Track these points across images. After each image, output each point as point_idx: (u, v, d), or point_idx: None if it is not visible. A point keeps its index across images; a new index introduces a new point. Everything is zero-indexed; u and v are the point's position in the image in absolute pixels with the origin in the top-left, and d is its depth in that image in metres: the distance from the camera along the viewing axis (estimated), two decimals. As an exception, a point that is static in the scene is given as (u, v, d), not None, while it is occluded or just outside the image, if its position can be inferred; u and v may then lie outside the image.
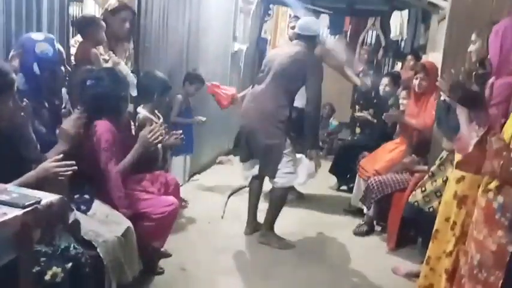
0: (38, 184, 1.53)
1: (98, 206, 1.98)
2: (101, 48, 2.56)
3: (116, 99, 2.15)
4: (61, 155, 1.63)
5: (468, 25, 2.46)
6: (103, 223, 1.90)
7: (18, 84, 1.73)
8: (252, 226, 3.21)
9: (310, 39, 3.07)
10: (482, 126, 1.53)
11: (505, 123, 1.55)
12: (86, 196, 1.95)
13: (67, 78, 2.13)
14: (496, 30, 1.79)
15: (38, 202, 1.27)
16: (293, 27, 3.52)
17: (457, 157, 1.94)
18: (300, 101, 3.13)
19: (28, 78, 1.81)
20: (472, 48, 2.14)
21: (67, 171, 1.58)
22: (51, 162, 1.58)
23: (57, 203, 1.33)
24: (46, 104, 1.91)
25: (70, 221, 1.43)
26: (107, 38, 2.55)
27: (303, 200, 4.03)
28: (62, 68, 1.94)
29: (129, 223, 1.95)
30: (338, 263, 2.94)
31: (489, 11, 2.37)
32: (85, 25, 2.48)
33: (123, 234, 1.88)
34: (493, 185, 1.46)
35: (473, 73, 1.97)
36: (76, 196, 1.92)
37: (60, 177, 1.57)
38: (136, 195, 2.22)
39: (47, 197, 1.34)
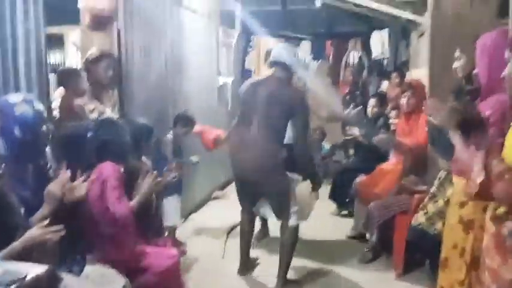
0: (25, 253, 1.44)
1: (90, 265, 1.88)
2: (85, 98, 2.52)
3: (121, 145, 2.14)
4: (46, 221, 1.54)
5: (451, 40, 2.47)
6: (98, 284, 1.80)
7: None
8: (247, 265, 3.09)
9: (286, 67, 2.86)
10: (483, 149, 1.47)
11: (502, 142, 1.50)
12: (78, 256, 1.84)
13: (49, 136, 2.06)
14: (481, 46, 1.76)
15: (23, 278, 1.18)
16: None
17: (457, 180, 1.89)
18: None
19: (9, 142, 1.74)
20: (456, 64, 2.13)
21: (55, 236, 1.50)
22: (37, 229, 1.49)
23: (44, 276, 1.24)
24: (30, 167, 1.83)
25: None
26: (91, 86, 2.52)
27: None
28: (44, 127, 1.88)
29: (125, 281, 1.85)
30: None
31: (469, 24, 2.38)
32: (66, 77, 2.46)
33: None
34: (501, 210, 1.39)
35: (463, 91, 1.94)
36: (67, 258, 1.82)
37: (48, 243, 1.49)
38: (137, 247, 2.14)
39: (34, 270, 1.25)
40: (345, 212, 4.38)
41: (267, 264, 3.19)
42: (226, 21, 5.52)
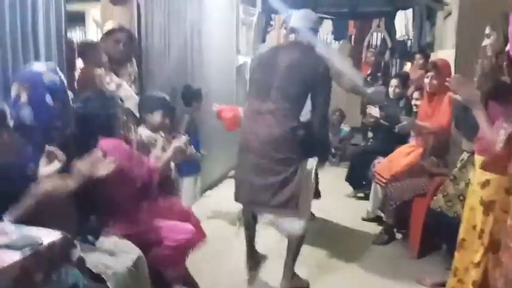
0: (39, 210, 1.45)
1: (105, 237, 1.90)
2: (102, 71, 2.53)
3: (104, 118, 2.07)
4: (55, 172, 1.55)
5: (479, 19, 2.36)
6: (112, 254, 1.82)
7: (25, 120, 1.68)
8: (254, 259, 2.82)
9: (310, 33, 2.54)
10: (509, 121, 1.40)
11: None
12: (92, 228, 1.87)
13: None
14: None
15: (40, 244, 1.21)
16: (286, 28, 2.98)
17: (478, 159, 1.83)
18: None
19: (39, 111, 1.72)
20: (486, 42, 2.04)
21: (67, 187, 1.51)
22: (48, 181, 1.50)
23: (59, 242, 1.27)
24: (56, 137, 1.83)
25: (74, 259, 1.36)
26: (109, 60, 2.53)
27: (313, 219, 3.54)
28: (70, 94, 1.89)
29: (139, 252, 1.87)
30: (359, 275, 2.82)
31: (500, 1, 2.27)
32: (84, 50, 2.47)
33: (134, 264, 1.80)
34: None
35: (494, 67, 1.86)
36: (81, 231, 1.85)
37: (61, 196, 1.50)
38: (153, 220, 2.15)
39: (49, 236, 1.27)
40: (361, 195, 4.35)
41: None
42: (247, -1, 5.45)
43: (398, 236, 3.37)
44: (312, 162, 2.53)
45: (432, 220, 2.67)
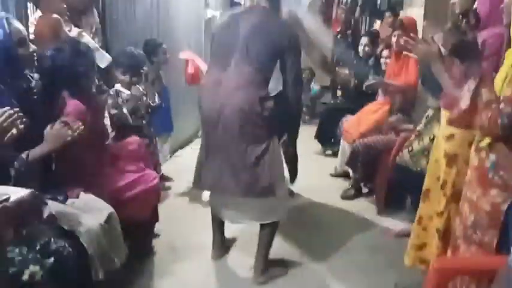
0: None
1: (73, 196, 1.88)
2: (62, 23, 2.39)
3: (78, 72, 1.98)
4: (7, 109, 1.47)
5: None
6: (83, 211, 1.80)
7: None
8: (221, 248, 2.52)
9: None
10: (475, 79, 1.45)
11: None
12: (62, 187, 1.84)
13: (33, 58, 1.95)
14: None
15: (6, 200, 1.17)
16: None
17: (445, 114, 1.89)
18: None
19: None
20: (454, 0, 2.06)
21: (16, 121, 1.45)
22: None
23: (28, 198, 1.24)
24: (10, 88, 1.74)
25: (45, 216, 1.33)
26: (68, 11, 2.39)
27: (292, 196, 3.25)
28: (22, 48, 1.76)
29: (110, 208, 1.86)
30: (328, 228, 2.93)
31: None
32: None
33: (106, 220, 1.80)
34: (484, 142, 1.40)
35: (460, 24, 1.89)
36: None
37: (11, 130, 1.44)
38: (116, 177, 2.14)
39: (17, 193, 1.23)
40: (329, 152, 4.44)
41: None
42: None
43: (365, 190, 3.49)
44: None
45: (398, 175, 2.77)
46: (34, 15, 2.41)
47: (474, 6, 1.80)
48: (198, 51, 4.36)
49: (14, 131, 1.41)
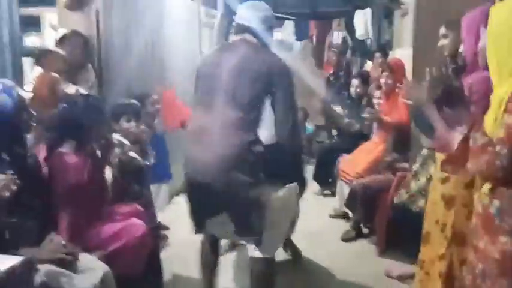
0: None
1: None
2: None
3: (93, 125, 2.05)
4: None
5: (436, 18, 2.44)
6: (77, 272, 1.75)
7: None
8: None
9: (261, 30, 2.03)
10: (466, 124, 1.47)
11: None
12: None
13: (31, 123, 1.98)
14: (468, 22, 1.75)
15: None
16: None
17: (439, 157, 1.90)
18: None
19: None
20: (443, 42, 2.11)
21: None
22: None
23: (20, 266, 1.21)
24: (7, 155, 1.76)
25: (36, 284, 1.30)
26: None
27: (300, 259, 3.08)
28: (24, 114, 1.78)
29: (105, 267, 1.81)
30: (329, 271, 2.87)
31: (457, 1, 2.35)
32: (40, 55, 2.39)
33: (101, 281, 1.75)
34: (485, 188, 1.38)
35: (450, 68, 1.94)
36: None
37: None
38: (101, 230, 2.08)
39: (8, 261, 1.21)
40: (327, 192, 4.43)
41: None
42: (208, 1, 5.41)
43: (365, 230, 3.45)
44: (290, 189, 2.04)
45: (397, 215, 2.75)
46: (31, 73, 2.48)
47: (460, 50, 1.86)
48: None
49: (7, 193, 1.42)
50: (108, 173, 2.24)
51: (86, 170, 1.97)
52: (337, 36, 6.51)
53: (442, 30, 2.21)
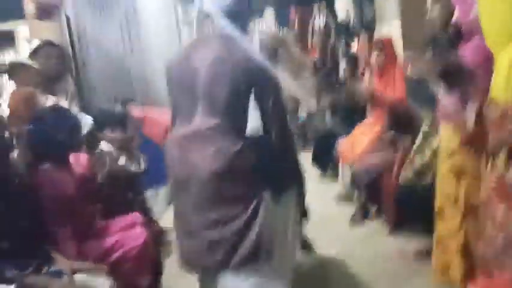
0: None
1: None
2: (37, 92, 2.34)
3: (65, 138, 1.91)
4: None
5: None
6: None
7: None
8: None
9: (237, 18, 1.69)
10: (475, 98, 1.38)
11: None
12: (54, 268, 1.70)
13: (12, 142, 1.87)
14: None
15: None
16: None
17: (443, 127, 1.82)
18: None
19: None
20: (433, 14, 2.02)
21: None
22: None
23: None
24: None
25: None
26: (41, 80, 2.34)
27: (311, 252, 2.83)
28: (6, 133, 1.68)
29: (108, 283, 1.73)
30: (342, 256, 2.78)
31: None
32: (12, 70, 2.27)
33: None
34: (501, 158, 1.30)
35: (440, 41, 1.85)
36: (44, 269, 1.68)
37: None
38: (100, 243, 2.01)
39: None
40: (328, 175, 4.34)
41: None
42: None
43: (372, 210, 3.36)
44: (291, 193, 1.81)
45: (403, 194, 2.67)
46: (6, 89, 2.36)
47: (454, 19, 1.76)
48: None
49: None
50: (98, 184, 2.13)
51: (72, 184, 1.87)
52: (319, 21, 6.39)
53: (429, 2, 2.11)
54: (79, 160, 2.09)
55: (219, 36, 1.69)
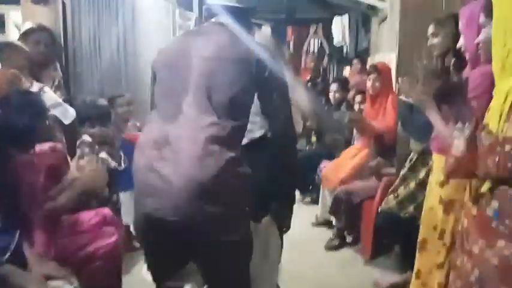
0: None
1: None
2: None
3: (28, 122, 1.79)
4: None
5: (422, 19, 2.37)
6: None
7: None
8: None
9: (241, 14, 1.55)
10: (467, 122, 1.37)
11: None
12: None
13: None
14: (469, 14, 1.67)
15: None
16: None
17: (436, 158, 1.80)
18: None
19: None
20: (432, 41, 2.04)
21: None
22: None
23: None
24: None
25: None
26: (28, 64, 2.24)
27: None
28: None
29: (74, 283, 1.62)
30: (315, 282, 2.72)
31: (442, 1, 2.31)
32: (2, 50, 2.18)
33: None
34: (485, 188, 1.27)
35: (449, 65, 1.85)
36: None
37: None
38: (72, 238, 1.88)
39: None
40: (308, 200, 4.30)
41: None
42: (183, 2, 5.26)
43: (349, 239, 3.33)
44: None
45: (383, 222, 2.63)
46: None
47: (459, 45, 1.77)
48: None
49: None
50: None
51: (37, 172, 1.76)
52: (314, 43, 6.46)
53: (431, 29, 2.14)
54: (55, 149, 1.97)
55: (221, 28, 1.50)
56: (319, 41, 6.62)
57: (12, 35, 5.27)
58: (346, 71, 5.65)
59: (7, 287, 1.39)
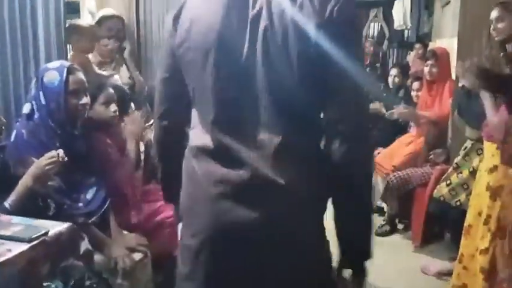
0: (35, 186, 1.45)
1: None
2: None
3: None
4: (54, 152, 1.51)
5: (486, 3, 2.30)
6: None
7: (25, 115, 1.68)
8: None
9: None
10: None
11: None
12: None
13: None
14: None
15: (46, 234, 1.18)
16: None
17: (487, 145, 1.81)
18: None
19: (38, 108, 1.69)
20: (498, 26, 1.97)
21: (58, 161, 1.49)
22: (43, 159, 1.48)
23: (66, 232, 1.24)
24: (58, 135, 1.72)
25: (82, 251, 1.34)
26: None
27: None
28: (74, 99, 1.70)
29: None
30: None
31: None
32: (70, 34, 2.34)
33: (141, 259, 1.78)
34: None
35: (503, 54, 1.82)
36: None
37: (52, 170, 1.49)
38: (147, 205, 2.10)
39: (56, 227, 1.25)
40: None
41: None
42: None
43: (400, 226, 3.36)
44: None
45: (435, 209, 2.66)
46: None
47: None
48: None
49: (54, 169, 1.46)
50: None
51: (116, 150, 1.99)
52: (374, 27, 6.33)
53: (495, 13, 2.05)
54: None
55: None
56: (379, 25, 6.47)
57: (87, 18, 5.72)
58: (410, 56, 5.51)
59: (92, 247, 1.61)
